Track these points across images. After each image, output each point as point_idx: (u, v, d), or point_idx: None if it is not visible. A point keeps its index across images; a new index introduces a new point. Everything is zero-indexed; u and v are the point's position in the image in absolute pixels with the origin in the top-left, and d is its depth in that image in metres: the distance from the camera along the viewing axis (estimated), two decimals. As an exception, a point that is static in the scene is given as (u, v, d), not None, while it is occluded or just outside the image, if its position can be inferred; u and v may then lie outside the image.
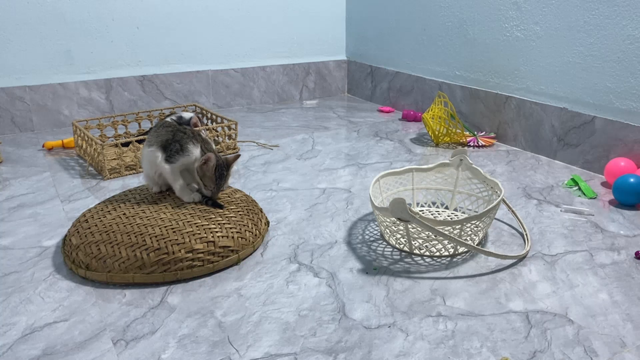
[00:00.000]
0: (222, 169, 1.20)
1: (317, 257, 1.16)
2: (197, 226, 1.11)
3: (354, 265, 1.13)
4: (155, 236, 1.07)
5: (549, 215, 1.37)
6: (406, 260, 1.15)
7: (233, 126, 1.85)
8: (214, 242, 1.10)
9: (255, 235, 1.19)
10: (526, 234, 1.25)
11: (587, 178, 1.63)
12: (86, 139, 1.71)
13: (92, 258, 1.06)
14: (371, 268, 1.12)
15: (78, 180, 1.60)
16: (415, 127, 2.22)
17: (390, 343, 0.88)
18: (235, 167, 1.70)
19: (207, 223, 1.13)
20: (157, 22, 2.28)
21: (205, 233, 1.10)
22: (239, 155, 1.25)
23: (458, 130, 1.96)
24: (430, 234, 1.12)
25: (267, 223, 1.29)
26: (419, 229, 1.12)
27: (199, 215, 1.15)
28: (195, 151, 1.20)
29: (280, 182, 1.59)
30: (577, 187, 1.55)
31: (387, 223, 1.17)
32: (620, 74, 1.58)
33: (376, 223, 1.33)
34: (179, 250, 1.06)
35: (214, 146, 1.26)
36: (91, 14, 2.14)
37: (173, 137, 1.20)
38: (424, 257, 1.16)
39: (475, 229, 1.14)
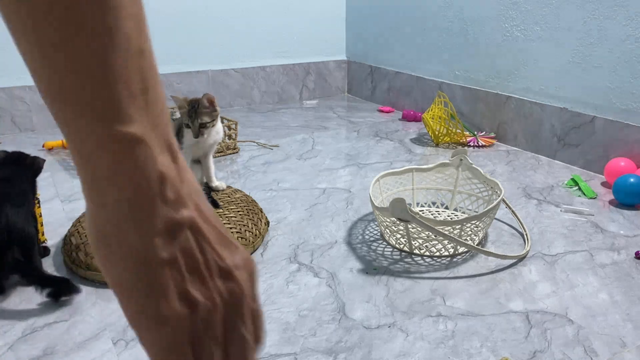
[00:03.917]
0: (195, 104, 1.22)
1: (317, 257, 1.16)
2: (197, 226, 1.11)
3: (354, 265, 1.13)
4: (155, 236, 1.07)
5: (549, 215, 1.37)
6: (406, 260, 1.15)
7: (233, 126, 1.85)
8: (214, 242, 1.10)
9: (255, 235, 1.19)
10: (526, 234, 1.24)
11: (587, 178, 1.63)
12: (86, 139, 1.70)
13: (92, 258, 1.06)
14: (371, 268, 1.12)
15: (78, 180, 1.60)
16: (415, 127, 2.22)
17: (390, 343, 0.88)
18: (236, 165, 1.70)
19: (207, 223, 1.13)
20: (157, 22, 2.28)
21: (205, 233, 1.10)
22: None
23: (458, 130, 1.96)
24: (430, 234, 1.12)
25: (267, 223, 1.29)
26: (419, 229, 1.12)
27: (199, 215, 1.15)
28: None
29: (280, 182, 1.59)
30: (577, 187, 1.55)
31: (387, 223, 1.17)
32: (620, 74, 1.58)
33: (376, 223, 1.33)
34: (179, 250, 1.06)
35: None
36: (91, 14, 2.14)
37: (180, 124, 1.27)
38: (424, 257, 1.16)
39: (475, 229, 1.14)
